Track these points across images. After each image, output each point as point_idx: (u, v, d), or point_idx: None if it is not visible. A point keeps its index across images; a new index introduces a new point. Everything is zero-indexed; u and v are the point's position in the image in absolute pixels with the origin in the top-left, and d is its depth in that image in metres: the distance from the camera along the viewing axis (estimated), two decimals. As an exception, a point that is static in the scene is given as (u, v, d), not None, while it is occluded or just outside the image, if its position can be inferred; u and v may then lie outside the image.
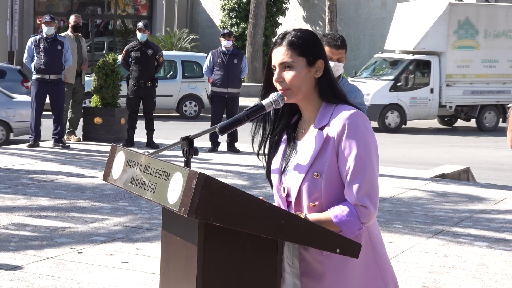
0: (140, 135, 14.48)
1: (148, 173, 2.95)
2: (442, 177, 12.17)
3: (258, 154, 3.22)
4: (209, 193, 2.67)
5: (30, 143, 13.43)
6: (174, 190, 2.75)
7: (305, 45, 3.06)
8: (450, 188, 11.05)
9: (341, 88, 3.17)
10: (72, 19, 14.72)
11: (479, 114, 21.91)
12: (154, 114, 14.36)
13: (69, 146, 13.67)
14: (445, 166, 13.32)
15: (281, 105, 3.09)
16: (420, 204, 9.86)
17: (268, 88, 3.14)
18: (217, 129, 3.06)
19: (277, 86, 3.08)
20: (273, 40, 3.15)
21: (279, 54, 3.07)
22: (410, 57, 21.55)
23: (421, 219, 8.97)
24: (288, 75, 3.05)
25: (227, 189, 2.71)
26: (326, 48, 5.57)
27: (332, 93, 3.10)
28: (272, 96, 3.08)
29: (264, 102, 3.08)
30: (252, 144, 3.23)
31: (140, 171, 3.01)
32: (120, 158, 3.17)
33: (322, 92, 3.10)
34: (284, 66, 3.06)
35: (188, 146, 3.08)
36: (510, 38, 22.22)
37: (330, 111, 3.07)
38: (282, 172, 3.13)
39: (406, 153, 16.65)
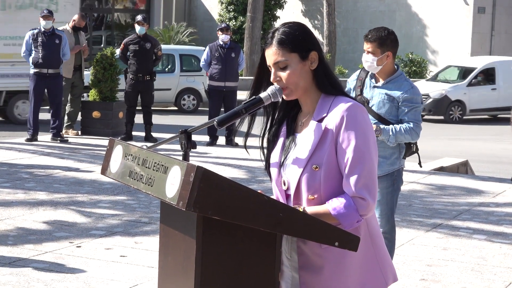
0: (138, 129, 14.47)
1: (146, 167, 2.94)
2: (441, 170, 12.17)
3: (245, 147, 3.21)
4: (207, 187, 2.66)
5: (28, 137, 13.42)
6: (172, 184, 2.74)
7: (295, 41, 3.05)
8: (449, 181, 11.05)
9: (337, 77, 3.17)
10: (75, 18, 14.59)
11: (7, 102, 16.87)
12: (152, 108, 14.35)
13: (67, 140, 13.66)
14: (444, 159, 13.31)
15: (279, 98, 3.08)
16: (418, 197, 9.85)
17: (258, 87, 3.12)
18: (215, 122, 3.05)
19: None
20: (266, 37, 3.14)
21: (271, 54, 3.06)
22: None
23: (420, 212, 8.97)
24: (284, 73, 3.05)
25: (225, 182, 2.70)
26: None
27: (329, 83, 3.09)
28: (270, 89, 3.07)
29: (262, 95, 3.07)
30: (245, 141, 3.22)
31: (138, 164, 3.00)
32: (118, 152, 3.16)
33: (320, 83, 3.09)
34: (278, 65, 3.05)
35: (186, 139, 3.07)
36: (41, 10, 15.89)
37: (328, 103, 3.06)
38: (281, 165, 3.12)
39: (404, 146, 16.64)
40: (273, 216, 2.79)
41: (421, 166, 6.45)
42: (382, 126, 5.59)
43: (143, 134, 14.15)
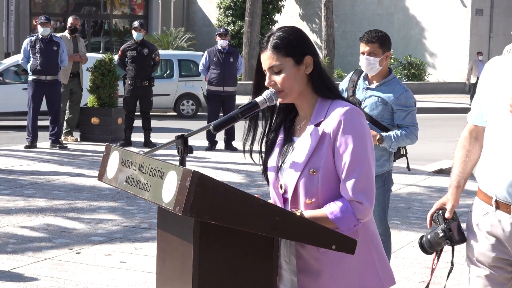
0: (137, 134, 14.47)
1: (143, 172, 2.94)
2: (440, 173, 12.16)
3: (251, 153, 3.21)
4: (203, 191, 2.66)
5: (27, 144, 13.42)
6: (169, 189, 2.74)
7: (290, 45, 3.06)
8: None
9: (333, 81, 3.18)
10: (70, 21, 14.66)
11: None
12: (151, 113, 14.36)
13: (66, 146, 13.66)
14: (443, 161, 13.31)
15: (275, 102, 3.09)
16: (418, 199, 9.86)
17: (258, 92, 3.14)
18: (211, 127, 3.06)
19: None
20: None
21: (266, 59, 3.08)
22: None
23: (419, 214, 8.97)
24: (279, 78, 3.06)
25: (221, 187, 2.70)
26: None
27: (325, 86, 3.10)
28: (266, 93, 3.08)
29: (258, 99, 3.08)
30: (244, 147, 3.23)
31: (135, 170, 3.00)
32: (114, 158, 3.16)
33: (316, 87, 3.10)
34: (273, 69, 3.06)
35: (183, 144, 3.07)
36: None
37: (326, 107, 3.07)
38: (278, 169, 3.13)
39: (404, 149, 16.63)
40: (270, 220, 2.79)
41: (409, 170, 6.52)
42: (384, 133, 5.66)
43: (142, 139, 14.15)
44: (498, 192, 3.49)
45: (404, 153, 6.04)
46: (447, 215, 3.75)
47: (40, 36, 13.36)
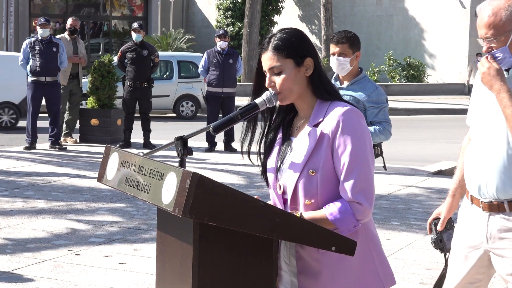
0: (136, 136, 14.46)
1: (143, 174, 2.94)
2: (439, 174, 12.16)
3: (249, 154, 3.23)
4: (203, 193, 2.66)
5: (27, 145, 13.42)
6: (168, 190, 2.74)
7: (291, 46, 3.06)
8: (448, 184, 11.01)
9: (333, 84, 3.18)
10: (69, 22, 14.68)
11: None
12: (150, 114, 14.36)
13: (66, 148, 13.65)
14: (442, 162, 13.31)
15: (274, 104, 3.09)
16: (417, 200, 9.85)
17: (258, 93, 3.14)
18: (211, 128, 3.06)
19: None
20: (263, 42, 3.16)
21: (267, 59, 3.08)
22: None
23: (419, 216, 8.96)
24: (279, 79, 3.06)
25: (221, 188, 2.70)
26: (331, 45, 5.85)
27: (324, 89, 3.10)
28: (266, 94, 3.08)
29: (258, 100, 3.08)
30: (242, 147, 3.23)
31: (135, 171, 3.00)
32: (114, 159, 3.16)
33: (315, 89, 3.10)
34: (273, 70, 3.06)
35: (182, 146, 3.07)
36: None
37: (324, 108, 3.07)
38: (277, 170, 3.13)
39: (402, 150, 16.65)
40: (270, 221, 2.79)
41: (385, 169, 6.59)
42: None
43: (141, 141, 14.15)
44: (471, 189, 3.82)
45: (379, 152, 6.14)
46: (438, 227, 4.04)
47: (40, 38, 13.36)
